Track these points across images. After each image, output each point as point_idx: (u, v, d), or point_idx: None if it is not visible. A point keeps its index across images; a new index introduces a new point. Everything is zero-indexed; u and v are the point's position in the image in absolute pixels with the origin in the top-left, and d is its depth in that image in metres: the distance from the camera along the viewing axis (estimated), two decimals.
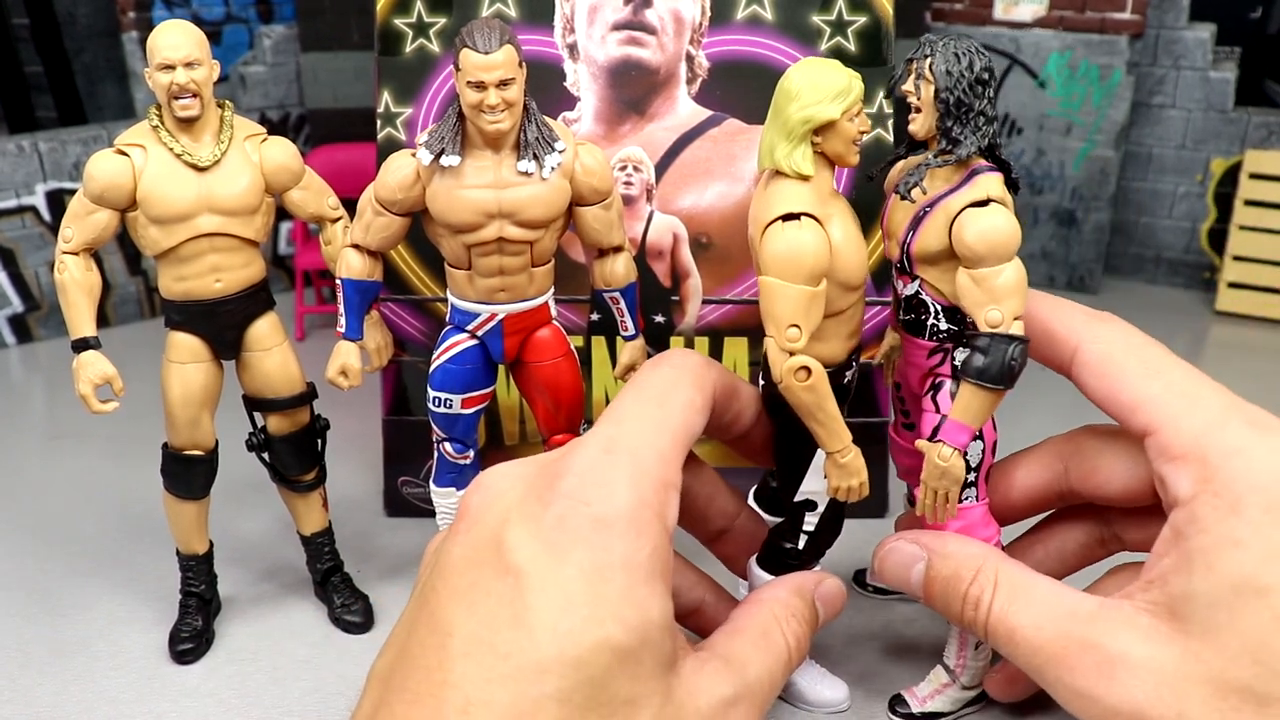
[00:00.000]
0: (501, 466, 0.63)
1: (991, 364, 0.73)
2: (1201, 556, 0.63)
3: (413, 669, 0.55)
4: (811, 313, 0.73)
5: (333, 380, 0.90)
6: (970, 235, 0.73)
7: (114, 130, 1.65)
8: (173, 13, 1.74)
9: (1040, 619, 0.68)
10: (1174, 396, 0.69)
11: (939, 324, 0.79)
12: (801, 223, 0.72)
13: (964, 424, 0.75)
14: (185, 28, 0.84)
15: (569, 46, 1.06)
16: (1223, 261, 1.77)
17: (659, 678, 0.56)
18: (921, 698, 0.86)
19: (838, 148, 0.74)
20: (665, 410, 0.65)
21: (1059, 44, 1.75)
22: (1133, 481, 0.76)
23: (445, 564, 0.58)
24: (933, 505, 0.78)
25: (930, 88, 0.74)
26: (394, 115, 1.06)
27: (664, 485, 0.61)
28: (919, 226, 0.77)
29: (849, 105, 0.73)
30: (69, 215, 0.86)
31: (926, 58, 0.75)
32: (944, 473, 0.76)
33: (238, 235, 0.87)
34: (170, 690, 0.90)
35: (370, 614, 0.99)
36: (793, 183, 0.74)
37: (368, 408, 1.22)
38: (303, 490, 0.98)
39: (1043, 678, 0.68)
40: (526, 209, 0.83)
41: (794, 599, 0.72)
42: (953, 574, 0.74)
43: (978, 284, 0.73)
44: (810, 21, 1.04)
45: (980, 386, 0.73)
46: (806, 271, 0.72)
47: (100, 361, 0.86)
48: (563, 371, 0.92)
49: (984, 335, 0.73)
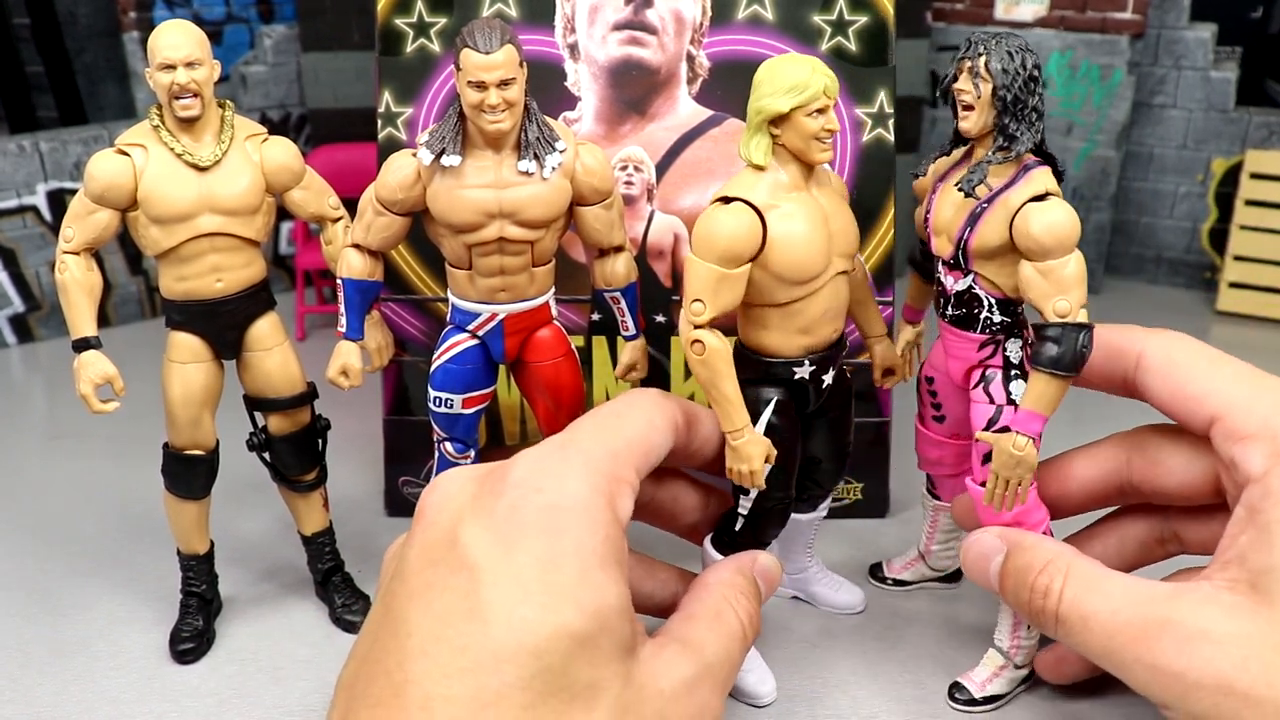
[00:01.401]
0: (457, 469, 0.64)
1: (1065, 353, 0.75)
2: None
3: (375, 673, 0.55)
4: (720, 293, 0.75)
5: (333, 380, 0.90)
6: (1037, 229, 0.75)
7: (115, 130, 1.65)
8: (173, 12, 1.74)
9: (1116, 604, 0.68)
10: (1239, 384, 0.72)
11: (992, 317, 0.81)
12: (730, 207, 0.75)
13: (1037, 412, 0.77)
14: (186, 27, 0.84)
15: (570, 46, 1.06)
16: (1224, 261, 1.77)
17: (618, 661, 0.57)
18: (980, 682, 0.87)
19: (795, 142, 0.76)
20: (621, 421, 0.68)
21: (1060, 44, 1.75)
22: (1194, 477, 0.77)
23: (402, 567, 0.59)
24: (1002, 494, 0.80)
25: (988, 86, 0.76)
26: (395, 115, 1.06)
27: (615, 479, 0.62)
28: (977, 223, 0.78)
29: (803, 101, 0.74)
30: (70, 215, 0.86)
31: (980, 56, 0.76)
32: (1019, 461, 0.78)
33: (238, 235, 0.87)
34: (171, 690, 0.90)
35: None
36: (748, 171, 0.77)
37: (368, 408, 1.22)
38: (303, 490, 0.98)
39: (1119, 660, 0.67)
40: (527, 209, 0.83)
41: (738, 578, 0.74)
42: (1025, 565, 0.75)
43: (1044, 276, 0.75)
44: (811, 21, 1.04)
45: (1054, 375, 0.75)
46: (718, 252, 0.75)
47: (101, 361, 0.86)
48: (563, 371, 0.92)
49: (1055, 325, 0.75)
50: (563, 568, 0.56)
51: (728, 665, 0.67)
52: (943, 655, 0.93)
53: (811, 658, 0.93)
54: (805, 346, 0.81)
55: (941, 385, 0.89)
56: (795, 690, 0.89)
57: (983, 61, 0.76)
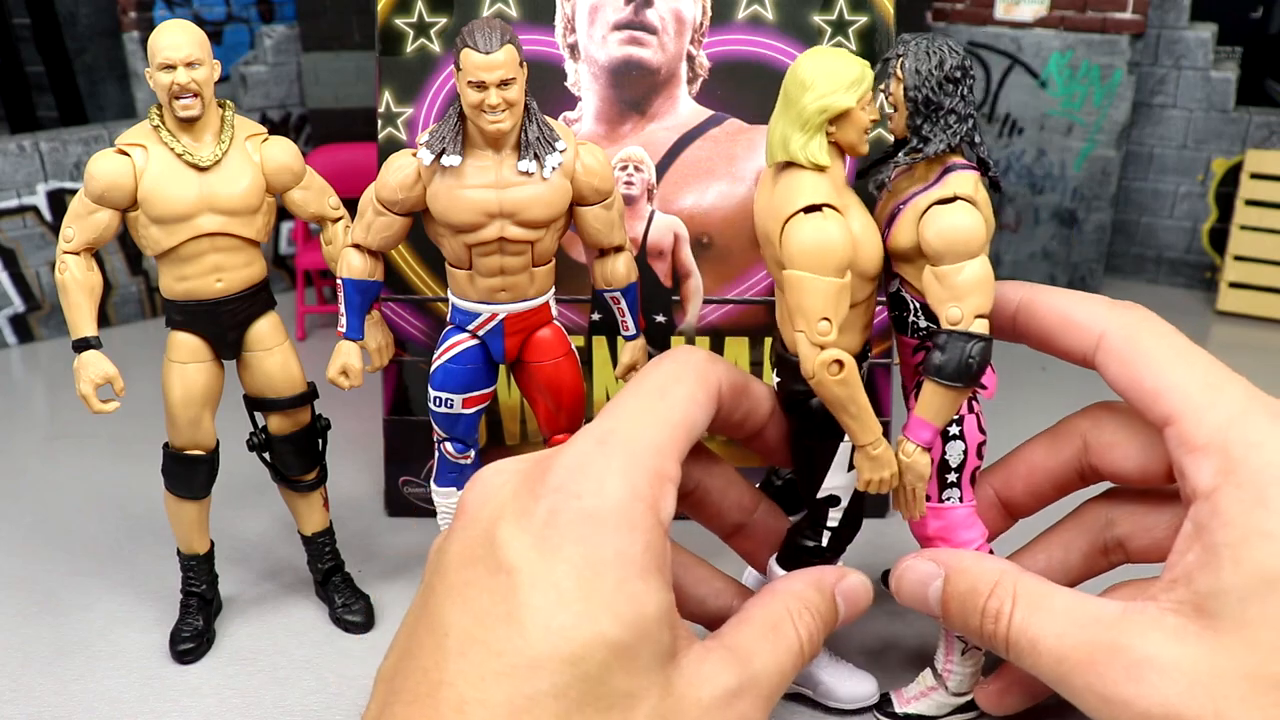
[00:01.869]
0: (499, 463, 0.63)
1: (949, 361, 0.72)
2: (1228, 550, 0.61)
3: (412, 669, 0.55)
4: (840, 305, 0.72)
5: (334, 380, 0.90)
6: (930, 232, 0.72)
7: (115, 130, 1.65)
8: (174, 12, 1.74)
9: (1063, 627, 0.66)
10: (1196, 386, 0.68)
11: (919, 321, 0.78)
12: (825, 214, 0.72)
13: (926, 420, 0.75)
14: (186, 27, 0.84)
15: (570, 46, 1.06)
16: (1224, 261, 1.77)
17: (657, 670, 0.56)
18: (907, 699, 0.86)
19: (851, 137, 0.74)
20: (664, 403, 0.64)
21: (1060, 44, 1.75)
22: (1150, 461, 0.75)
23: (442, 563, 0.58)
24: (902, 500, 0.78)
25: (900, 86, 0.74)
26: (395, 115, 1.06)
27: (659, 477, 0.60)
28: (893, 224, 0.76)
29: (863, 93, 0.73)
30: (70, 215, 0.86)
31: (900, 57, 0.75)
32: (907, 468, 0.76)
33: (239, 235, 0.87)
34: (171, 690, 0.90)
35: (371, 614, 0.99)
36: (810, 174, 0.73)
37: (368, 408, 1.22)
38: (304, 490, 0.98)
39: (1069, 686, 0.66)
40: (527, 209, 0.83)
41: (810, 592, 0.70)
42: (970, 589, 0.72)
43: (939, 281, 0.73)
44: (811, 21, 1.04)
45: (939, 384, 0.73)
46: (835, 263, 0.71)
47: (101, 361, 0.86)
48: (563, 371, 0.92)
49: (943, 333, 0.73)
50: (602, 576, 0.55)
51: (776, 679, 0.64)
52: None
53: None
54: (865, 340, 0.79)
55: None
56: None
57: (899, 62, 0.74)
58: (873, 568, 1.05)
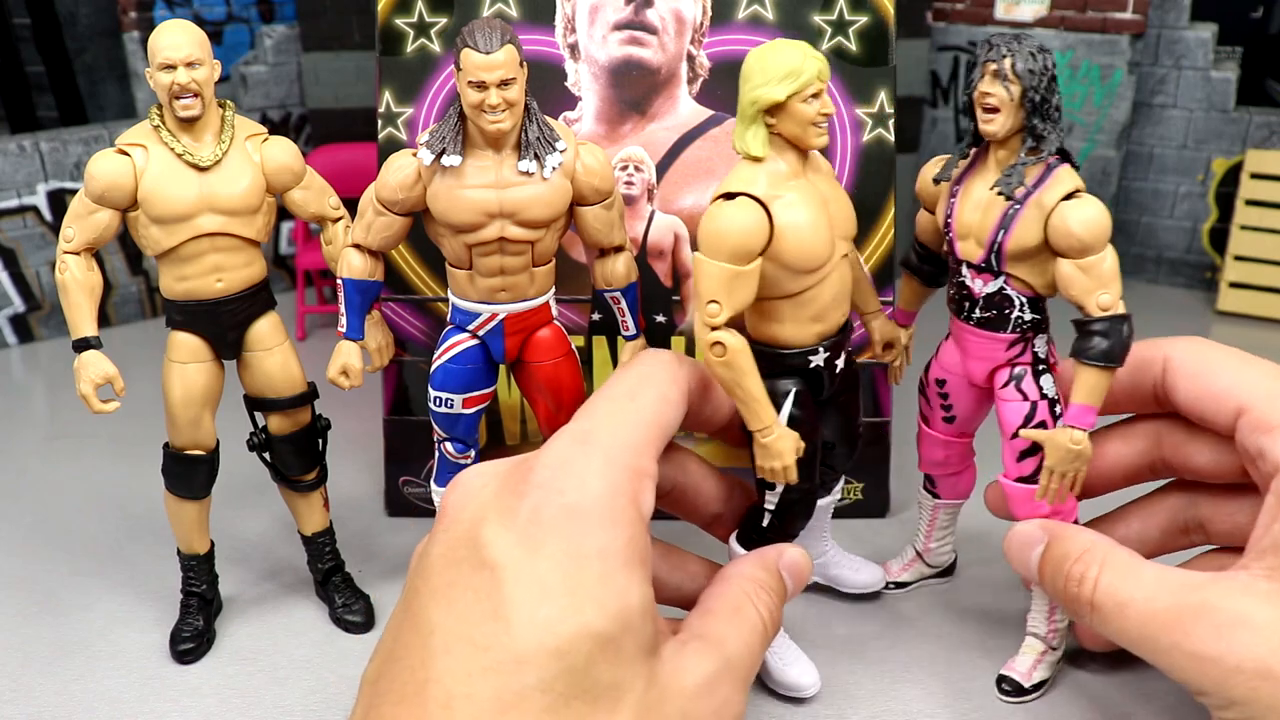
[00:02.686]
0: (479, 465, 0.64)
1: (1114, 345, 0.77)
2: None
3: (398, 670, 0.55)
4: (735, 291, 0.74)
5: (334, 380, 0.90)
6: (1076, 226, 0.76)
7: (115, 130, 1.65)
8: (174, 12, 1.74)
9: (1152, 591, 0.69)
10: (1265, 378, 0.74)
11: (1024, 315, 0.82)
12: (738, 202, 0.74)
13: (1089, 406, 0.79)
14: (186, 27, 0.84)
15: (570, 46, 1.06)
16: (1224, 261, 1.77)
17: (641, 662, 0.57)
18: (1025, 671, 0.88)
19: (793, 129, 0.75)
20: (636, 403, 0.66)
21: (1060, 44, 1.75)
22: (1224, 455, 0.79)
23: (425, 565, 0.58)
24: (1057, 487, 0.81)
25: (1016, 88, 0.76)
26: (395, 115, 1.06)
27: (637, 474, 0.61)
28: (1012, 224, 0.79)
29: (798, 87, 0.74)
30: (70, 215, 0.86)
31: (1005, 58, 0.76)
32: (1077, 455, 0.80)
33: (239, 235, 0.87)
34: (171, 690, 0.90)
35: (371, 614, 0.99)
36: (746, 164, 0.76)
37: (368, 408, 1.22)
38: (304, 490, 0.98)
39: (1155, 646, 0.68)
40: (528, 209, 0.83)
41: (760, 572, 0.73)
42: (1063, 554, 0.76)
43: (1085, 272, 0.77)
44: (811, 21, 1.04)
45: (1103, 368, 0.77)
46: (729, 249, 0.74)
47: (101, 361, 0.86)
48: (564, 371, 0.92)
49: (1101, 319, 0.77)
50: (585, 569, 0.56)
51: (749, 660, 0.66)
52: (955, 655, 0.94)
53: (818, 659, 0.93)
54: (819, 334, 0.80)
55: (955, 387, 0.90)
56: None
57: (1008, 64, 0.76)
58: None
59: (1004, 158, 0.80)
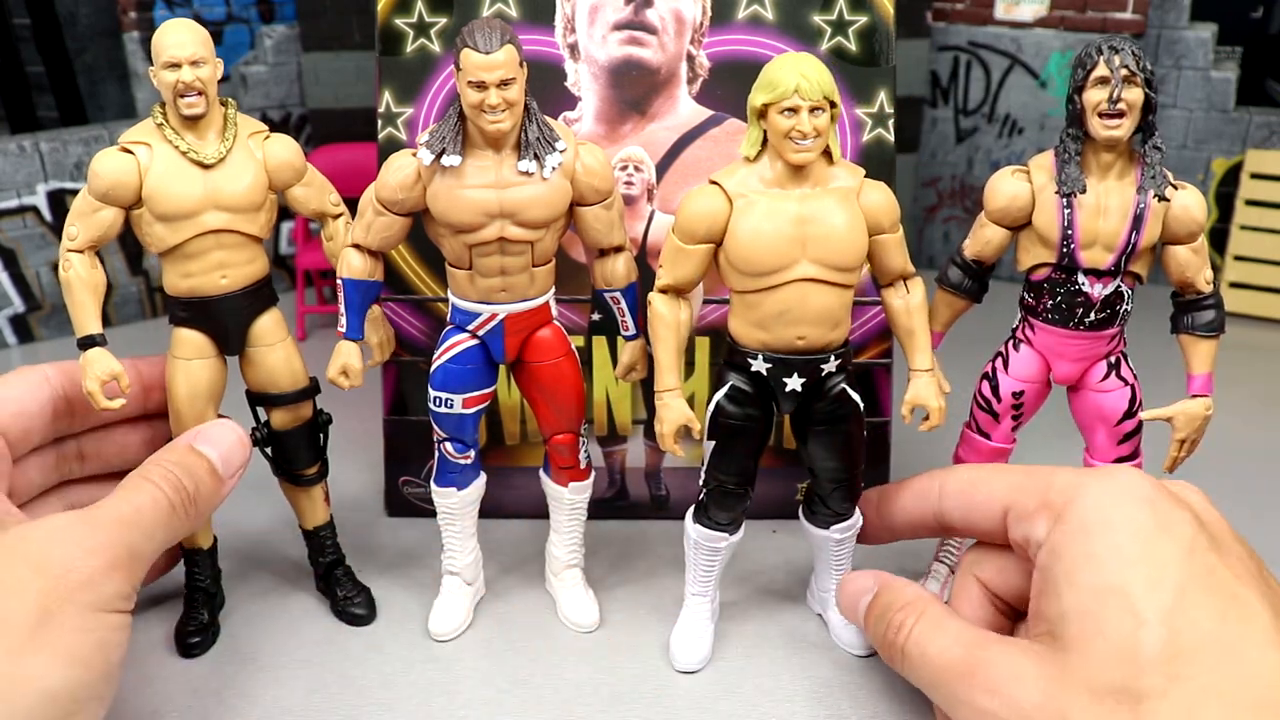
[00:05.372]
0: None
1: (1222, 314, 0.86)
2: (1065, 578, 0.70)
3: None
4: (677, 265, 0.83)
5: (334, 380, 0.90)
6: (1198, 213, 0.83)
7: (115, 130, 1.65)
8: (174, 12, 1.75)
9: (949, 643, 0.75)
10: (1017, 478, 0.80)
11: (1129, 308, 0.87)
12: (706, 188, 0.81)
13: (1210, 373, 0.86)
14: (190, 26, 0.84)
15: (570, 46, 1.06)
16: (1224, 261, 1.77)
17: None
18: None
19: (773, 138, 0.78)
20: None
21: (1060, 44, 1.75)
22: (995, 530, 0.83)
23: None
24: (1185, 456, 0.89)
25: (1142, 91, 0.79)
26: (395, 115, 1.06)
27: None
28: (1143, 223, 0.82)
29: (772, 98, 0.76)
30: (74, 213, 0.86)
31: (1133, 61, 0.78)
32: (1208, 419, 0.87)
33: (243, 232, 0.88)
34: (171, 690, 0.90)
35: (374, 605, 0.99)
36: (740, 161, 0.81)
37: (368, 408, 1.22)
38: (305, 484, 0.98)
39: (947, 694, 0.74)
40: (527, 209, 0.83)
41: (165, 453, 0.82)
42: (889, 603, 0.82)
43: (1198, 253, 0.84)
44: (811, 21, 1.05)
45: (1216, 337, 0.85)
46: (679, 225, 0.82)
47: (106, 358, 0.86)
48: (564, 371, 0.92)
49: (1212, 295, 0.85)
50: None
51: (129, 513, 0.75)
52: None
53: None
54: (761, 341, 0.82)
55: (1031, 394, 0.91)
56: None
57: (1137, 64, 0.78)
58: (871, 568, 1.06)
59: (1110, 160, 0.81)
